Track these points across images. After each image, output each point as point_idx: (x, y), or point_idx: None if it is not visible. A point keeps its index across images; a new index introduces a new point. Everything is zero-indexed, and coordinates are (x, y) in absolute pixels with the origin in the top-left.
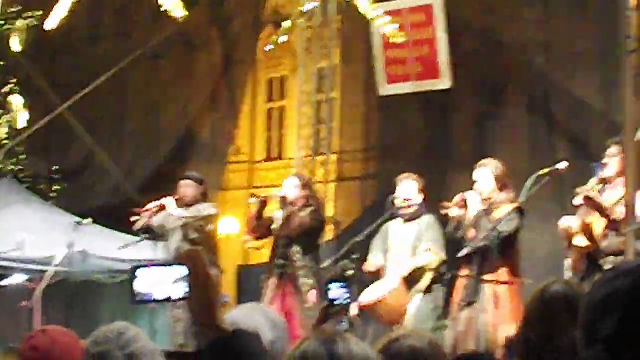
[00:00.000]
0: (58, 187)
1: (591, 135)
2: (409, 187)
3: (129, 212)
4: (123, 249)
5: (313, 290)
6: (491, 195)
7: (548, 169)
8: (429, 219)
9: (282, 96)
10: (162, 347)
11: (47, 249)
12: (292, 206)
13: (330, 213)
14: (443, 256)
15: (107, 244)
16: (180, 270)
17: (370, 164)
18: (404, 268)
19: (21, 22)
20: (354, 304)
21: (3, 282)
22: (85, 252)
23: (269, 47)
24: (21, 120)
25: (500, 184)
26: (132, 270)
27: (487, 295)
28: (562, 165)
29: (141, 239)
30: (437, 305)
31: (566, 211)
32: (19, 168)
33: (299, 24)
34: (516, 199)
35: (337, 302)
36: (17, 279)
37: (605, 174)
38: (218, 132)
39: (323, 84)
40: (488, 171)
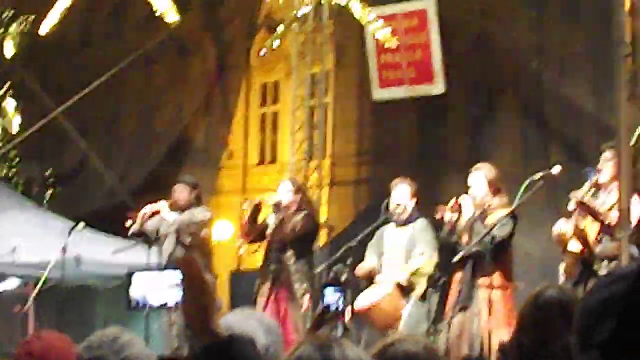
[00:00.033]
0: (52, 191)
1: (584, 139)
2: (402, 191)
3: (122, 217)
4: (117, 253)
5: (306, 295)
6: (485, 199)
7: (542, 173)
8: (422, 222)
9: (276, 101)
10: (156, 351)
11: (41, 253)
12: (286, 211)
13: (323, 217)
14: (436, 259)
15: (101, 249)
16: (175, 275)
17: (364, 168)
18: (400, 275)
19: (15, 27)
20: (348, 309)
21: None
22: (79, 257)
23: (263, 51)
24: (15, 124)
25: (494, 189)
26: (128, 276)
27: (481, 300)
28: (555, 169)
29: (135, 243)
30: (430, 309)
31: (560, 216)
32: (12, 172)
33: (293, 28)
34: (510, 203)
35: (332, 307)
36: (11, 283)
37: (600, 179)
38: (212, 136)
39: (316, 88)
40: (482, 175)
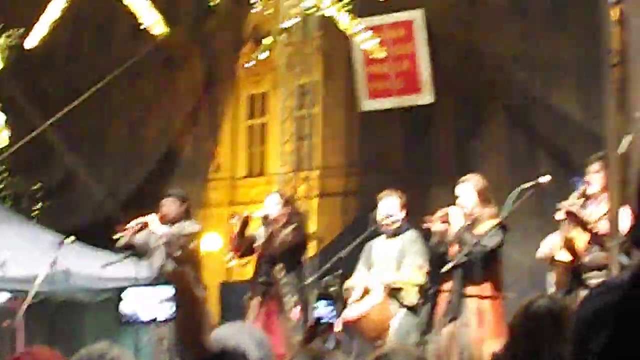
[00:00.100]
0: (40, 205)
1: (572, 149)
2: (390, 203)
3: (111, 230)
4: (106, 267)
5: (297, 307)
6: (474, 210)
7: (530, 183)
8: (412, 234)
9: (263, 112)
10: None
11: (29, 267)
12: (275, 224)
13: (312, 229)
14: (427, 269)
15: (90, 263)
16: (165, 290)
17: (352, 179)
18: (387, 277)
19: (2, 40)
20: (339, 320)
21: None
22: (68, 271)
23: (251, 63)
24: (2, 138)
25: (483, 199)
26: (118, 291)
27: (471, 310)
28: (544, 178)
29: (124, 256)
30: (420, 320)
31: (548, 225)
32: (0, 186)
33: (281, 40)
34: (498, 214)
35: (324, 320)
36: (0, 298)
37: (589, 190)
38: (199, 149)
39: (304, 99)
40: (470, 186)
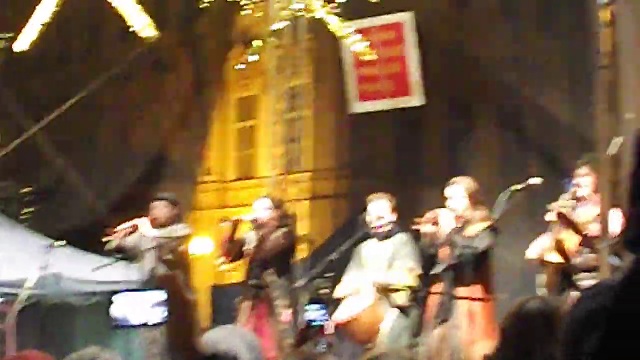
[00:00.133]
0: (29, 209)
1: (562, 151)
2: (380, 206)
3: (101, 234)
4: (97, 270)
5: (287, 310)
6: (464, 212)
7: (521, 184)
8: (402, 237)
9: (253, 115)
10: None
11: (19, 271)
12: (265, 228)
13: (303, 231)
14: (418, 271)
15: (81, 266)
16: (156, 295)
17: (343, 182)
18: (378, 277)
19: None
20: (330, 323)
21: None
22: (58, 275)
23: (240, 66)
24: None
25: (473, 202)
26: (109, 295)
27: (461, 312)
28: (535, 180)
29: (115, 260)
30: (411, 322)
31: (539, 226)
32: None
33: (269, 42)
34: (489, 216)
35: (315, 322)
36: None
37: (579, 193)
38: (189, 152)
39: (294, 102)
40: (460, 188)
